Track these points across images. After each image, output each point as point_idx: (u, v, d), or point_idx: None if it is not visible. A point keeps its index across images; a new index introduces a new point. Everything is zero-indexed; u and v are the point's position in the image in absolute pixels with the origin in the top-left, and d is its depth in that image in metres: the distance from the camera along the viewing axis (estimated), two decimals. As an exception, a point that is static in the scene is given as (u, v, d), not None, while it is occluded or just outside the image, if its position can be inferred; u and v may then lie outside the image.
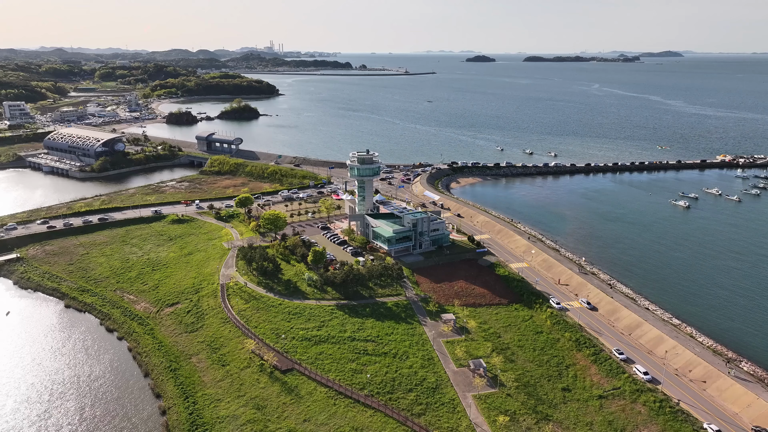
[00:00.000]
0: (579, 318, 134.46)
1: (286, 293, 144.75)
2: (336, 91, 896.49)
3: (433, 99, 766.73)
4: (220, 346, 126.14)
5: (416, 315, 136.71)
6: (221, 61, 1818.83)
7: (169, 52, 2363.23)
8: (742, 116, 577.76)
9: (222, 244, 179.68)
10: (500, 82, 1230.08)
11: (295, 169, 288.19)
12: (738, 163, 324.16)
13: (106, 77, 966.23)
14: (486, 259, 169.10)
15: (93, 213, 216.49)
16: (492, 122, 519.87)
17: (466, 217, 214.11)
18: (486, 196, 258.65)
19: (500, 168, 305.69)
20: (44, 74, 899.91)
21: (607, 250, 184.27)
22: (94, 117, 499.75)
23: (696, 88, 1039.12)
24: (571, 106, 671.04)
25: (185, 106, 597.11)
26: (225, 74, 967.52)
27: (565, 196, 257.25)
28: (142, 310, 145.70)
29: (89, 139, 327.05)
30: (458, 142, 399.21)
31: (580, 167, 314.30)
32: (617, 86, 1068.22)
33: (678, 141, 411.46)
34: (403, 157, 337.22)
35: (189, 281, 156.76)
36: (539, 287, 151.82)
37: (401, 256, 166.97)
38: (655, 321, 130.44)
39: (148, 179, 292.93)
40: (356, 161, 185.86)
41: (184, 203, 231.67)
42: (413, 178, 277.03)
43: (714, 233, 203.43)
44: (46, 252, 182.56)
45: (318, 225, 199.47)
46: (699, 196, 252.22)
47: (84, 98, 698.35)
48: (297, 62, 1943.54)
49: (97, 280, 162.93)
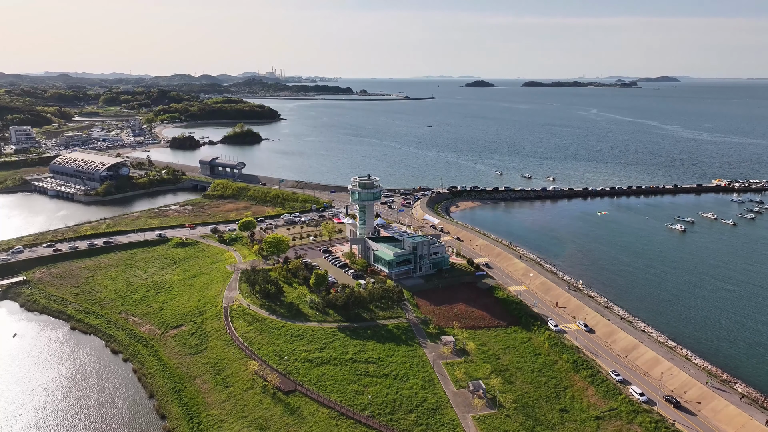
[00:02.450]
0: (576, 340, 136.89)
1: (288, 315, 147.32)
2: (337, 116, 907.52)
3: (432, 124, 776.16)
4: (224, 367, 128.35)
5: (416, 337, 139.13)
6: (223, 86, 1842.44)
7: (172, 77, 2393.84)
8: (737, 141, 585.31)
9: (225, 267, 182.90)
10: (499, 106, 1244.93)
11: (297, 193, 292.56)
12: (733, 187, 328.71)
13: (110, 102, 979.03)
14: (485, 282, 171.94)
15: (98, 236, 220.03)
16: (491, 147, 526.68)
17: (466, 240, 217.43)
18: (485, 219, 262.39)
19: (499, 192, 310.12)
20: (49, 99, 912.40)
21: (604, 273, 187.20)
22: (98, 141, 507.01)
23: (692, 113, 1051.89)
24: (570, 131, 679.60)
25: (188, 130, 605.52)
26: (227, 99, 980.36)
27: (563, 220, 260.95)
28: (146, 332, 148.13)
29: (94, 164, 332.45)
30: (458, 167, 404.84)
31: (578, 191, 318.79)
32: (615, 111, 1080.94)
33: (674, 166, 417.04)
34: (403, 181, 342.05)
35: (193, 304, 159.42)
36: (537, 310, 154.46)
37: (402, 279, 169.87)
38: (651, 343, 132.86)
39: (151, 203, 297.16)
40: (357, 186, 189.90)
41: (188, 227, 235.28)
42: (413, 202, 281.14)
43: (709, 257, 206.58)
44: (52, 275, 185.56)
45: (320, 248, 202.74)
46: (695, 220, 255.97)
47: (88, 123, 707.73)
48: (298, 87, 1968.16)
49: (102, 302, 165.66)
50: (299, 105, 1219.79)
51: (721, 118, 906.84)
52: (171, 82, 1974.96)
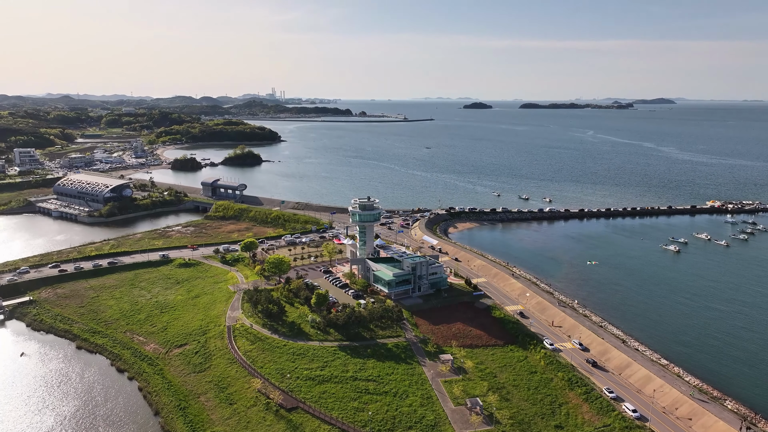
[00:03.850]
0: (571, 358, 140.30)
1: (290, 335, 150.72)
2: (337, 138, 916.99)
3: (431, 145, 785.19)
4: (228, 385, 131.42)
5: (415, 356, 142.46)
6: (224, 108, 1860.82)
7: (173, 99, 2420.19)
8: (732, 163, 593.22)
9: (228, 288, 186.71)
10: (497, 128, 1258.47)
11: (297, 214, 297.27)
12: (727, 208, 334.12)
13: (113, 124, 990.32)
14: (482, 301, 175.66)
15: (103, 257, 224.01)
16: (489, 168, 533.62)
17: (464, 261, 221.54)
18: (483, 240, 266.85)
19: (497, 213, 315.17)
20: (52, 121, 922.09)
21: (599, 293, 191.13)
22: (101, 163, 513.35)
23: (688, 134, 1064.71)
24: (567, 153, 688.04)
25: (189, 152, 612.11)
26: (228, 121, 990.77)
27: (559, 241, 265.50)
28: (151, 351, 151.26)
29: (98, 185, 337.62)
30: (456, 188, 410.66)
31: (574, 212, 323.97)
32: (611, 133, 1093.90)
33: (670, 187, 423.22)
34: (402, 202, 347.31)
35: (196, 323, 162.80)
36: (533, 329, 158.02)
37: (401, 299, 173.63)
38: (644, 361, 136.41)
39: (154, 224, 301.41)
40: (358, 207, 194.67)
41: (190, 248, 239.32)
42: (412, 223, 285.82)
43: (702, 277, 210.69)
44: (58, 295, 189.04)
45: (320, 268, 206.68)
46: (688, 240, 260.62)
47: (91, 144, 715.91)
48: (298, 109, 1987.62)
49: (107, 322, 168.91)
50: (299, 127, 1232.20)
51: (716, 140, 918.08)
52: (172, 104, 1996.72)
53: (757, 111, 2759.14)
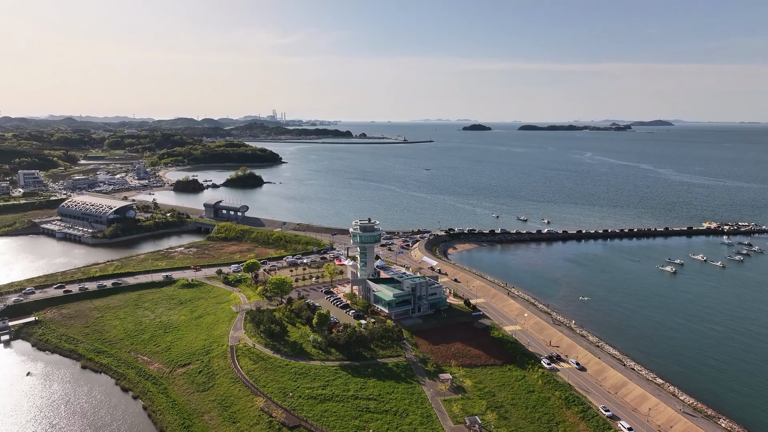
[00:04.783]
0: (569, 377, 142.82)
1: (292, 354, 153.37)
2: (338, 160, 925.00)
3: (431, 167, 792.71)
4: (231, 404, 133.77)
5: (415, 375, 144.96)
6: (225, 130, 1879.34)
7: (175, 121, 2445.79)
8: (728, 184, 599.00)
9: (230, 308, 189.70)
10: (496, 150, 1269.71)
11: (299, 235, 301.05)
12: (723, 230, 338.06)
13: (115, 145, 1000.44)
14: (481, 322, 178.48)
15: (107, 278, 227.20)
16: (488, 190, 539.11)
17: (463, 281, 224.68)
18: (482, 261, 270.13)
19: (495, 234, 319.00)
20: (56, 143, 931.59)
21: (596, 313, 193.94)
22: (104, 184, 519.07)
23: (685, 156, 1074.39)
24: (565, 175, 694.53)
25: (191, 173, 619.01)
26: (230, 143, 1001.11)
27: (557, 262, 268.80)
28: (155, 370, 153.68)
29: (102, 207, 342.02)
30: (455, 210, 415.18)
31: (572, 234, 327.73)
32: (609, 155, 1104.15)
33: (667, 209, 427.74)
34: (402, 223, 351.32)
35: (200, 343, 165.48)
36: (532, 348, 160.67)
37: (401, 319, 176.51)
38: (640, 380, 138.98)
39: (156, 245, 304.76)
40: (359, 229, 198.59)
41: (193, 268, 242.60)
42: (412, 244, 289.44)
43: (698, 297, 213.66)
44: (63, 315, 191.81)
45: (322, 289, 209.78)
46: (685, 261, 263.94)
47: (94, 166, 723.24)
48: (299, 130, 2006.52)
49: (112, 341, 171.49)
50: (300, 148, 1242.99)
51: (713, 162, 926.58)
52: (174, 126, 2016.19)
53: (753, 133, 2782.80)
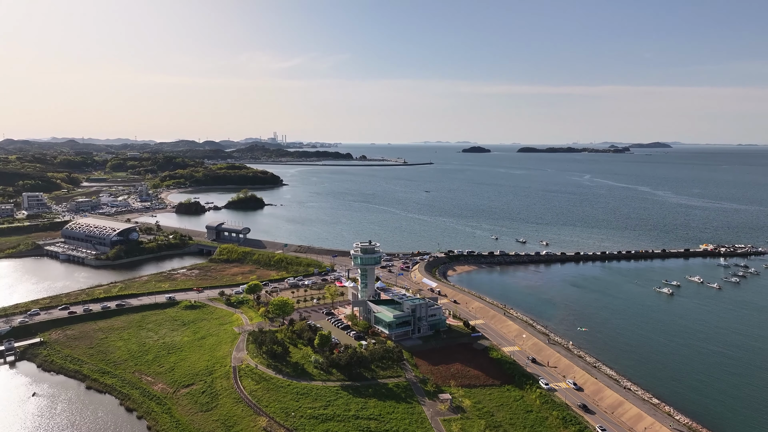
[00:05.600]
0: (566, 398, 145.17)
1: (294, 375, 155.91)
2: (338, 182, 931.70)
3: (430, 189, 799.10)
4: (234, 424, 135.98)
5: (415, 395, 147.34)
6: (227, 152, 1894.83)
7: (176, 143, 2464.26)
8: (726, 207, 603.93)
9: (233, 329, 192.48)
10: (495, 172, 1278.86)
11: (300, 257, 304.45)
12: (720, 252, 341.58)
13: (117, 168, 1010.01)
14: (480, 342, 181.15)
15: (111, 299, 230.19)
16: (487, 212, 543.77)
17: (462, 303, 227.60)
18: (481, 283, 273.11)
19: (494, 256, 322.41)
20: (59, 165, 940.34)
21: (593, 334, 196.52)
22: (107, 206, 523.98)
23: (683, 178, 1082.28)
24: (563, 197, 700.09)
25: (193, 195, 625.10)
26: (231, 165, 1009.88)
27: (555, 284, 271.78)
28: (159, 390, 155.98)
29: (105, 229, 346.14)
30: (455, 231, 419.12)
31: (570, 255, 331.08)
32: (608, 177, 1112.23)
33: (664, 231, 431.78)
34: (402, 245, 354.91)
35: (203, 364, 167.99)
36: (530, 369, 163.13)
37: (401, 340, 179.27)
38: (636, 400, 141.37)
39: (159, 267, 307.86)
40: (359, 251, 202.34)
41: (196, 290, 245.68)
42: (412, 266, 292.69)
43: (694, 319, 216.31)
44: (68, 336, 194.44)
45: (323, 310, 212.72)
46: (681, 283, 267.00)
47: (96, 188, 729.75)
48: (300, 153, 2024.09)
49: (116, 362, 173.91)
50: (301, 170, 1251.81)
51: (711, 184, 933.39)
52: (176, 148, 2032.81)
53: (751, 155, 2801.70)
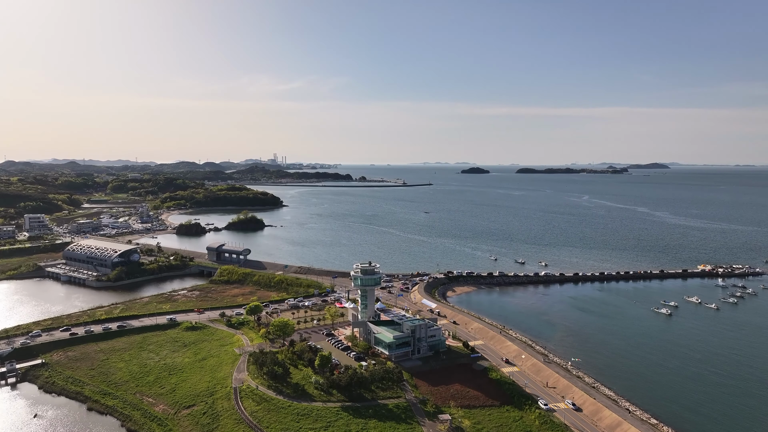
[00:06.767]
0: (565, 418, 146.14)
1: (294, 395, 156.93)
2: (338, 203, 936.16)
3: (430, 210, 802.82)
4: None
5: (415, 416, 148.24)
6: (227, 173, 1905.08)
7: (177, 164, 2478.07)
8: (723, 227, 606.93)
9: (234, 350, 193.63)
10: (494, 193, 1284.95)
11: (300, 278, 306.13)
12: (717, 272, 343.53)
13: (118, 189, 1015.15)
14: (480, 363, 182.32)
15: (112, 320, 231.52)
16: (486, 233, 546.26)
17: (461, 324, 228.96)
18: (480, 304, 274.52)
19: (494, 277, 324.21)
20: (60, 186, 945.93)
21: (592, 355, 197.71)
22: (108, 228, 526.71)
23: (681, 199, 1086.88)
24: (562, 218, 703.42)
25: (194, 217, 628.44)
26: (231, 186, 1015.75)
27: (554, 304, 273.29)
28: (160, 411, 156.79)
29: (106, 250, 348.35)
30: (454, 252, 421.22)
31: (568, 276, 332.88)
32: (606, 197, 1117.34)
33: (662, 251, 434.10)
34: (402, 266, 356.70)
35: (204, 385, 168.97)
36: (529, 390, 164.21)
37: (401, 361, 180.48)
38: (634, 420, 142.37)
39: (160, 288, 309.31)
40: (359, 272, 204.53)
41: (197, 311, 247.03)
42: (411, 287, 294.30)
43: (692, 339, 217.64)
44: (69, 357, 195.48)
45: (323, 331, 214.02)
46: (679, 304, 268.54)
47: (97, 209, 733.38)
48: (300, 174, 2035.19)
49: (117, 383, 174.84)
50: (301, 191, 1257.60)
51: (709, 205, 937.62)
52: (176, 170, 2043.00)
53: (748, 175, 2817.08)
